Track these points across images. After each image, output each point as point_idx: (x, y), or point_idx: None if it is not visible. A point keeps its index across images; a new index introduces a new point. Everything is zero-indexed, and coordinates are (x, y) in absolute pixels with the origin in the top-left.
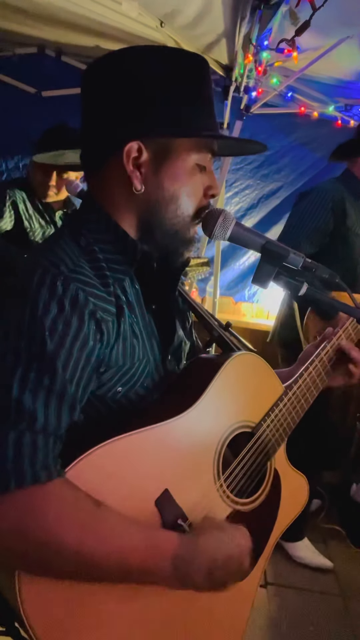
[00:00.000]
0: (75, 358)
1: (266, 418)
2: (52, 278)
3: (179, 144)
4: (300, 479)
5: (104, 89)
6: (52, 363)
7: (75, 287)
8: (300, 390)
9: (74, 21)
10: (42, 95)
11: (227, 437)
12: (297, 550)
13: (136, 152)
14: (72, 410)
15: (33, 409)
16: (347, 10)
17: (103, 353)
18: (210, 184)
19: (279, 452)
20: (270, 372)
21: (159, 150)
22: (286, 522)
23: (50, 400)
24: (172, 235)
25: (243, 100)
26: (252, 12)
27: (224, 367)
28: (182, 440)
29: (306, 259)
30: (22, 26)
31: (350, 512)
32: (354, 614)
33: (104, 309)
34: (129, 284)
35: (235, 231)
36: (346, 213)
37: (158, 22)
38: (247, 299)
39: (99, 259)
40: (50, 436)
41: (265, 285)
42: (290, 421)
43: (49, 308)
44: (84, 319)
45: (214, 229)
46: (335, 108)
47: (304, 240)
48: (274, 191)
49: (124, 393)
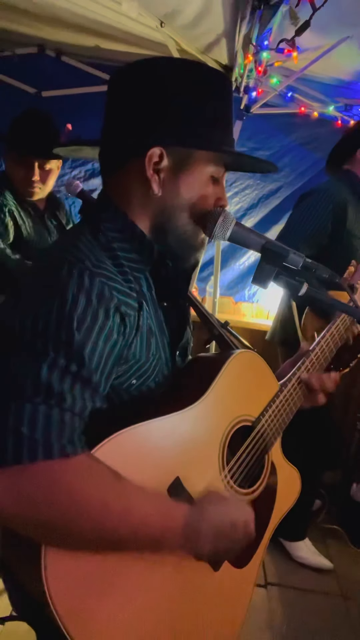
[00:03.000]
0: (100, 349)
1: (264, 413)
2: (79, 272)
3: (199, 155)
4: (293, 471)
5: (133, 94)
6: (80, 352)
7: (101, 282)
8: (294, 388)
9: (74, 21)
10: (42, 95)
11: (231, 430)
12: (297, 550)
13: (157, 158)
14: (95, 397)
15: (61, 389)
16: (347, 10)
17: (124, 346)
18: (220, 196)
19: (275, 446)
20: (267, 369)
21: (179, 159)
22: (282, 511)
23: (76, 385)
24: (183, 240)
25: (243, 100)
26: (252, 12)
27: (228, 363)
28: (191, 431)
29: (306, 259)
30: (22, 26)
31: (350, 512)
32: (354, 614)
33: (127, 304)
34: (144, 282)
35: (235, 231)
36: (346, 216)
37: (158, 22)
38: (247, 299)
39: (118, 256)
40: (76, 415)
41: (265, 285)
42: (285, 416)
43: (78, 300)
44: (109, 312)
45: (214, 229)
46: (335, 108)
47: (303, 242)
48: (274, 191)
49: (137, 386)
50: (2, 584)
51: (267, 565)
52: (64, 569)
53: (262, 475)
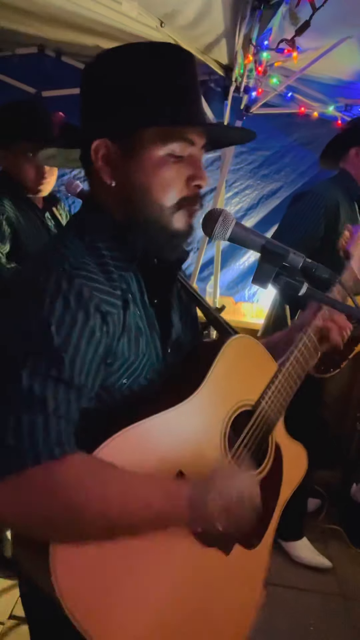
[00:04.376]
0: (82, 350)
1: (264, 395)
2: (56, 276)
3: (143, 136)
4: (299, 449)
5: (81, 92)
6: (59, 355)
7: (80, 283)
8: (292, 366)
9: (74, 21)
10: (42, 95)
11: (231, 416)
12: (296, 550)
13: (104, 149)
14: (81, 396)
15: (44, 395)
16: (347, 10)
17: (110, 344)
18: (191, 174)
19: (278, 425)
20: (263, 351)
21: (125, 145)
22: (290, 490)
23: (59, 389)
24: (153, 227)
25: (243, 100)
26: (252, 12)
27: (222, 351)
28: (190, 423)
29: (306, 259)
30: (22, 26)
31: (350, 512)
32: (354, 614)
33: (109, 302)
34: (132, 280)
35: (235, 231)
36: (338, 218)
37: (158, 22)
38: (247, 299)
39: (103, 255)
40: (62, 418)
41: (265, 286)
42: (286, 395)
43: (55, 305)
44: (89, 312)
45: (214, 229)
46: (335, 108)
47: (295, 245)
48: (274, 191)
49: (129, 385)
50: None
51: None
52: (72, 566)
53: (267, 456)
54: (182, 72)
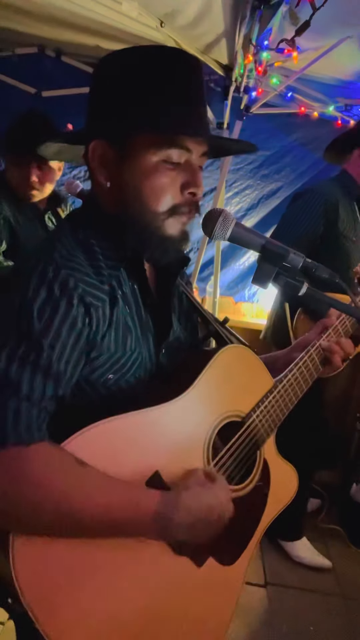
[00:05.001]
0: (63, 338)
1: (256, 409)
2: (44, 265)
3: (139, 141)
4: (290, 470)
5: (89, 91)
6: (38, 341)
7: (66, 273)
8: (290, 385)
9: (74, 21)
10: (42, 95)
11: (218, 425)
12: (295, 550)
13: (101, 150)
14: (58, 384)
15: (18, 379)
16: (347, 10)
17: (93, 337)
18: (186, 181)
19: (269, 443)
20: (260, 365)
21: (121, 148)
22: (275, 511)
23: (36, 374)
24: (144, 231)
25: (243, 100)
26: (252, 12)
27: (215, 357)
28: (174, 424)
29: (306, 259)
30: (22, 26)
31: (350, 512)
32: (354, 614)
33: (94, 295)
34: (124, 278)
35: (235, 231)
36: (338, 217)
37: (158, 22)
38: (247, 299)
39: (95, 251)
40: (35, 405)
41: (265, 286)
42: (280, 413)
43: (39, 292)
44: (72, 302)
45: (214, 229)
46: (335, 108)
47: (295, 243)
48: (274, 191)
49: (115, 381)
50: None
51: (266, 565)
52: (32, 557)
53: (252, 472)
54: (187, 79)
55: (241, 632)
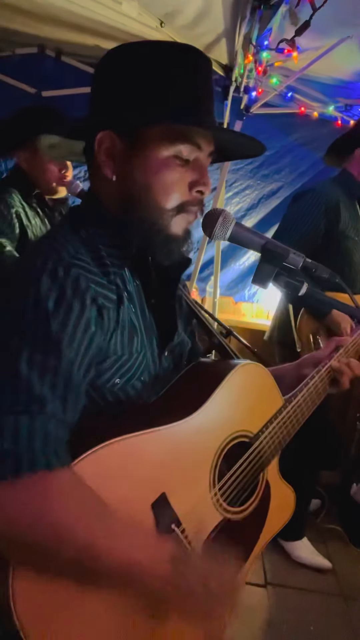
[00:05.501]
0: (78, 340)
1: (264, 429)
2: (53, 264)
3: (150, 134)
4: (288, 492)
5: (93, 84)
6: (57, 344)
7: (77, 273)
8: (299, 406)
9: (74, 21)
10: (42, 95)
11: (225, 446)
12: (296, 550)
13: (108, 143)
14: (78, 395)
15: (42, 392)
16: (347, 10)
17: (103, 340)
18: (195, 179)
19: (272, 463)
20: (272, 383)
21: (131, 141)
22: (272, 533)
23: (58, 383)
24: (150, 227)
25: (243, 100)
26: (252, 12)
27: (230, 376)
28: (182, 446)
29: (306, 259)
30: (22, 26)
31: (350, 512)
32: (354, 614)
33: (105, 296)
34: (128, 276)
35: (235, 231)
36: (339, 216)
37: (158, 22)
38: (247, 299)
39: (99, 249)
40: (60, 422)
41: (265, 285)
42: (287, 434)
43: (51, 292)
44: (85, 303)
45: (214, 229)
46: (335, 108)
47: (296, 244)
48: (274, 191)
49: (121, 385)
50: None
51: (266, 565)
52: (33, 591)
53: (254, 494)
54: (199, 75)
55: (241, 632)
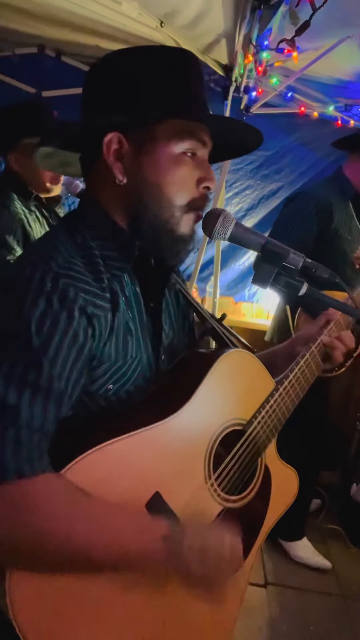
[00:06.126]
0: (64, 354)
1: (257, 415)
2: (41, 275)
3: (158, 132)
4: (290, 472)
5: (89, 88)
6: (37, 359)
7: (65, 283)
8: (292, 386)
9: (74, 21)
10: (42, 95)
11: (218, 436)
12: (296, 550)
13: (117, 144)
14: (59, 406)
15: (17, 404)
16: (347, 10)
17: (96, 348)
18: (202, 176)
19: (270, 447)
20: (260, 367)
21: (139, 141)
22: (276, 516)
23: (36, 397)
24: (161, 228)
25: (243, 100)
26: (252, 12)
27: (215, 365)
28: (172, 442)
29: (306, 259)
30: (22, 26)
31: (350, 512)
32: (354, 614)
33: (96, 304)
34: (127, 281)
35: (235, 231)
36: (332, 217)
37: (158, 22)
38: (247, 299)
39: (95, 254)
40: (35, 432)
41: (265, 285)
42: (281, 416)
43: (37, 304)
44: (73, 314)
45: (214, 229)
46: (335, 108)
47: (290, 247)
48: (274, 191)
49: (115, 391)
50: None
51: (266, 566)
52: (30, 593)
53: (254, 480)
54: (195, 74)
55: (241, 632)
